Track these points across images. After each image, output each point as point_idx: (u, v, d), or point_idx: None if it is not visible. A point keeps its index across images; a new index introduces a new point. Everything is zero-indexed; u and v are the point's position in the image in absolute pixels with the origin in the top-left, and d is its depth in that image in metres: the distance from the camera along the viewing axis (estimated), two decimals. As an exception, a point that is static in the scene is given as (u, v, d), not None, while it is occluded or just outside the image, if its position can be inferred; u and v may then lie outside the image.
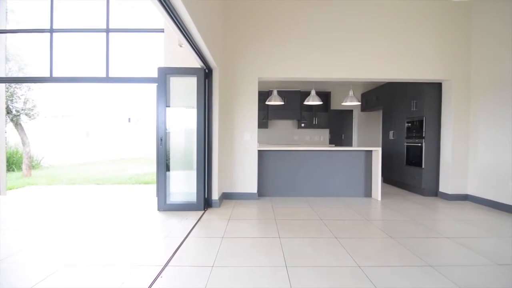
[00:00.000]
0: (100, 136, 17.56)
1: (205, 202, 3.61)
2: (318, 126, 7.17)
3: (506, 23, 3.66)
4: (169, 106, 3.53)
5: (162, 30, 4.26)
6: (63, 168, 10.24)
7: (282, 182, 4.44)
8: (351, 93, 5.50)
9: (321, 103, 5.67)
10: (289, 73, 4.18)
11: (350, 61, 4.19)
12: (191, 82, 3.57)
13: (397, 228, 2.93)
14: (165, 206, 3.53)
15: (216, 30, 3.49)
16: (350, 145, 7.68)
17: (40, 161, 10.40)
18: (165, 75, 3.49)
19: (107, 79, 4.22)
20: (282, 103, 5.58)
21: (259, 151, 4.36)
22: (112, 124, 18.23)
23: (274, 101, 5.33)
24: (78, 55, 4.67)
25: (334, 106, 7.36)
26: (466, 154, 4.28)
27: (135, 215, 3.38)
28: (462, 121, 4.27)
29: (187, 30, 2.35)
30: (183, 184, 3.71)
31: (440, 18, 4.23)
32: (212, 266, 2.02)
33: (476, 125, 4.15)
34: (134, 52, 4.53)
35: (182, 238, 2.58)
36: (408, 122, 5.04)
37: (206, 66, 3.49)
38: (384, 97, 6.06)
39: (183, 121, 3.68)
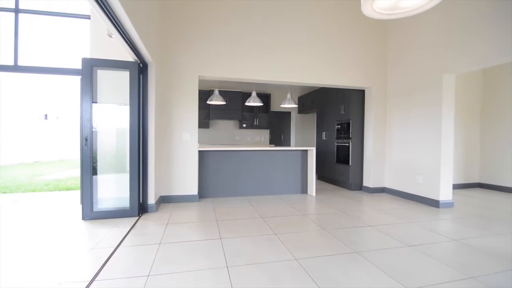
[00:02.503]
0: (6, 135, 14.70)
1: (140, 207, 3.35)
2: (259, 127, 7.37)
3: (408, 44, 4.35)
4: (96, 102, 3.16)
5: (88, 17, 3.80)
6: (-49, 175, 8.25)
7: (224, 182, 4.41)
8: (289, 96, 5.81)
9: (261, 104, 5.84)
10: (231, 73, 4.17)
11: (289, 65, 4.40)
12: (123, 77, 3.26)
13: (329, 220, 3.19)
14: (91, 214, 3.14)
15: (153, 22, 3.26)
16: (289, 145, 8.10)
17: None
18: (91, 67, 3.11)
19: (15, 68, 3.56)
20: (224, 103, 5.56)
21: (200, 151, 4.25)
22: (23, 122, 15.45)
23: (216, 100, 5.27)
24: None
25: (274, 107, 7.66)
26: (383, 152, 4.93)
27: (54, 226, 2.92)
28: (380, 123, 4.91)
29: (117, 18, 2.14)
30: (114, 188, 3.37)
31: (365, 34, 4.78)
32: (148, 276, 1.87)
33: (390, 127, 4.82)
34: (54, 40, 3.92)
35: (113, 249, 2.33)
36: (338, 124, 5.56)
37: (140, 60, 3.23)
38: (317, 101, 6.56)
39: (114, 119, 3.33)
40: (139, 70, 3.30)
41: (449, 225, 3.09)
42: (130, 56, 3.14)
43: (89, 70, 3.10)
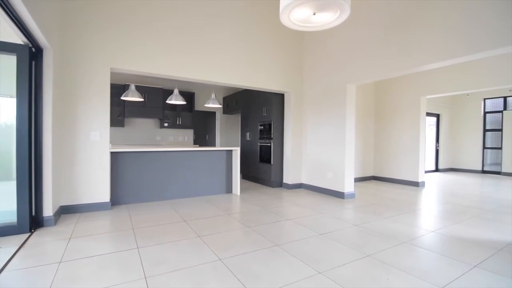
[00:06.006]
0: None
1: (33, 221, 2.77)
2: (183, 126, 7.08)
3: (321, 54, 4.92)
4: (-36, 91, 2.46)
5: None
6: None
7: (143, 186, 4.06)
8: (213, 95, 5.77)
9: (184, 103, 5.63)
10: (149, 68, 3.86)
11: (212, 65, 4.36)
12: (8, 62, 2.64)
13: (252, 218, 3.30)
14: (-43, 235, 2.43)
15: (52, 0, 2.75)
16: (214, 145, 8.05)
17: None
18: (-44, 45, 2.41)
19: None
20: (142, 99, 5.11)
21: (112, 153, 3.79)
22: None
23: (132, 96, 4.80)
24: None
25: (198, 107, 7.49)
26: (300, 152, 5.41)
27: None
28: (297, 125, 5.37)
29: (-3, -12, 1.71)
30: (-6, 200, 2.70)
31: (286, 42, 5.14)
32: (42, 303, 1.56)
33: (306, 128, 5.33)
34: None
35: (-10, 276, 1.85)
36: (261, 125, 5.82)
37: (32, 43, 2.67)
38: (242, 102, 6.73)
39: (-8, 113, 2.67)
40: (31, 56, 2.72)
41: (352, 213, 3.61)
42: (18, 37, 2.56)
43: (-48, 50, 2.39)
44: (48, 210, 2.91)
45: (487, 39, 2.76)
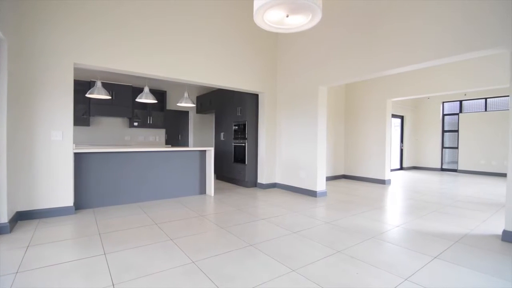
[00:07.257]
0: None
1: (-17, 229, 2.51)
2: (154, 126, 6.85)
3: (293, 56, 5.01)
4: None
5: None
6: None
7: (111, 189, 3.85)
8: (186, 94, 5.65)
9: (155, 101, 5.44)
10: (118, 65, 3.66)
11: (186, 64, 4.26)
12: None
13: (226, 218, 3.28)
14: None
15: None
16: (187, 145, 7.88)
17: None
18: None
19: None
20: (109, 97, 4.86)
21: (76, 154, 3.56)
22: None
23: (98, 94, 4.55)
24: None
25: (170, 106, 7.29)
26: (274, 151, 5.47)
27: None
28: (271, 125, 5.42)
29: None
30: None
31: (260, 43, 5.16)
32: (-7, 319, 1.42)
33: (280, 129, 5.40)
34: None
35: None
36: (235, 125, 5.80)
37: (-18, 34, 2.42)
38: (216, 102, 6.65)
39: None
40: (-19, 47, 2.47)
41: (323, 211, 3.72)
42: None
43: None
44: (2, 216, 2.65)
45: (460, 42, 2.99)
